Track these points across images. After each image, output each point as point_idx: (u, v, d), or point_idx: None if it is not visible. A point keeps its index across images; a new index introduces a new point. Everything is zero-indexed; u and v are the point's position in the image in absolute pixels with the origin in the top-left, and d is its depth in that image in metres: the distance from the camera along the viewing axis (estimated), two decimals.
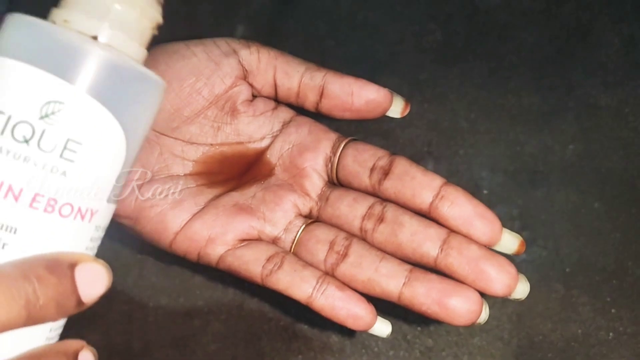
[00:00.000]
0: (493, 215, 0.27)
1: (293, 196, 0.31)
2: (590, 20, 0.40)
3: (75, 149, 0.21)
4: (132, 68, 0.22)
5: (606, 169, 0.36)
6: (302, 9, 0.42)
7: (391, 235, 0.28)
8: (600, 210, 0.35)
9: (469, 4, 0.42)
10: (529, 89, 0.39)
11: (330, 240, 0.29)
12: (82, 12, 0.21)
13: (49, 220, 0.21)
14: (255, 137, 0.32)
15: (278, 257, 0.29)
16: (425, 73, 0.40)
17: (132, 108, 0.22)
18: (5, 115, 0.20)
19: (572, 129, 0.38)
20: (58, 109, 0.20)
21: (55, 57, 0.20)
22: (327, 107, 0.31)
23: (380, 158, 0.30)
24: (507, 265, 0.27)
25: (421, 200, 0.28)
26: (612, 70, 0.39)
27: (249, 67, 0.31)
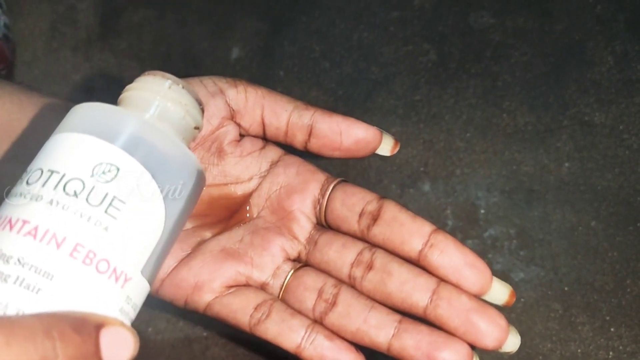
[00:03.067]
0: (483, 264, 0.27)
1: (281, 240, 0.30)
2: (583, 39, 0.41)
3: (119, 207, 0.22)
4: (176, 145, 0.25)
5: (602, 187, 0.36)
6: (297, 31, 0.42)
7: (380, 284, 0.28)
8: (597, 228, 0.35)
9: (463, 23, 0.42)
10: (523, 108, 0.39)
11: (319, 287, 0.29)
12: (135, 106, 0.25)
13: (86, 273, 0.21)
14: (243, 178, 0.31)
15: (266, 305, 0.28)
16: (420, 93, 0.40)
17: (174, 181, 0.24)
18: (60, 174, 0.22)
19: (567, 147, 0.38)
20: (108, 169, 0.23)
21: (108, 127, 0.23)
22: (316, 146, 0.30)
23: (369, 202, 0.29)
24: (498, 317, 0.26)
25: (410, 247, 0.28)
26: (606, 88, 0.39)
27: (236, 107, 0.30)
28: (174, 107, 0.25)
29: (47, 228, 0.21)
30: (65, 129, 0.24)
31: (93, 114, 0.24)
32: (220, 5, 0.44)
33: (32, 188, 0.22)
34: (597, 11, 0.41)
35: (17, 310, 0.20)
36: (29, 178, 0.23)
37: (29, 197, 0.22)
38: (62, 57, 0.43)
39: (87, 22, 0.44)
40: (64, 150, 0.23)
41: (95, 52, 0.43)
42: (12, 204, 0.22)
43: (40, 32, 0.43)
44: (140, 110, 0.25)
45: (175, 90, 0.25)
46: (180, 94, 0.25)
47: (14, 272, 0.21)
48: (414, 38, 0.42)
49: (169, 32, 0.43)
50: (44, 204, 0.22)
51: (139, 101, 0.25)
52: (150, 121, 0.24)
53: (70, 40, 0.43)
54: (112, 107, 0.25)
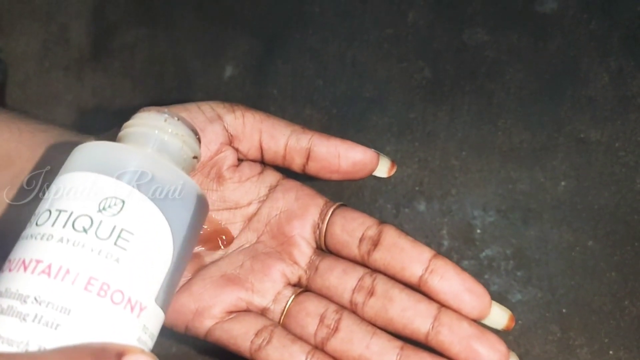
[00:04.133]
0: (482, 289, 0.28)
1: (281, 265, 0.30)
2: (577, 56, 0.40)
3: (128, 239, 0.23)
4: (178, 175, 0.25)
5: (599, 206, 0.36)
6: (290, 49, 0.42)
7: (382, 310, 0.28)
8: (595, 248, 0.35)
9: (457, 40, 0.42)
10: (518, 125, 0.39)
11: (320, 313, 0.29)
12: (134, 142, 0.26)
13: (101, 305, 0.22)
14: (242, 203, 0.31)
15: (267, 331, 0.29)
16: (415, 111, 0.40)
17: (178, 211, 0.25)
18: (68, 212, 0.23)
19: (563, 165, 0.37)
20: (114, 202, 0.23)
21: (110, 164, 0.24)
22: (314, 169, 0.31)
23: (368, 227, 0.30)
24: (498, 344, 0.27)
25: (411, 273, 0.28)
26: (601, 105, 0.39)
27: (234, 132, 0.31)
28: (172, 140, 0.26)
29: (60, 265, 0.22)
30: (69, 169, 0.25)
31: (95, 153, 0.25)
32: (213, 23, 0.43)
33: (42, 228, 0.23)
34: (592, 27, 0.41)
35: (38, 346, 0.21)
36: (38, 220, 0.24)
37: (39, 237, 0.23)
38: (54, 77, 0.43)
39: (79, 41, 0.43)
40: (69, 190, 0.24)
41: (88, 71, 0.43)
42: (24, 246, 0.23)
43: (32, 52, 0.43)
44: (139, 145, 0.26)
45: (172, 124, 0.26)
46: (176, 127, 0.26)
47: (32, 310, 0.21)
48: (408, 55, 0.41)
49: (162, 51, 0.43)
50: (55, 242, 0.23)
51: (137, 137, 0.26)
52: (151, 154, 0.25)
53: (62, 60, 0.43)
54: (112, 144, 0.26)
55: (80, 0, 0.44)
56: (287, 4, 0.43)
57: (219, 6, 0.43)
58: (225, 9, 0.43)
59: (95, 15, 0.44)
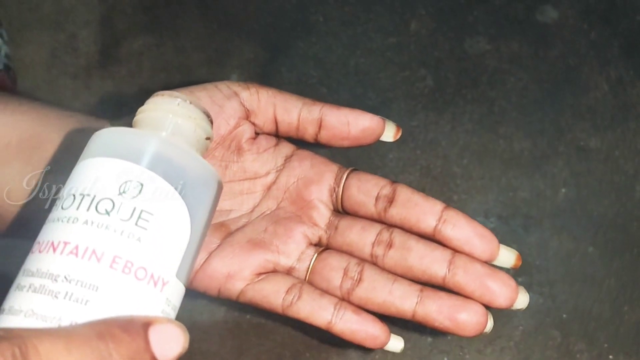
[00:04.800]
0: (491, 234, 0.30)
1: (302, 227, 0.32)
2: (578, 64, 0.41)
3: (147, 219, 0.24)
4: (192, 157, 0.27)
5: (598, 214, 0.37)
6: (294, 57, 0.43)
7: (401, 260, 0.31)
8: (594, 255, 0.36)
9: (459, 49, 0.42)
10: (519, 133, 0.39)
11: (344, 267, 0.31)
12: (148, 126, 0.27)
13: (126, 281, 0.24)
14: (261, 172, 0.33)
15: (296, 288, 0.31)
16: (417, 119, 0.40)
17: (193, 190, 0.26)
18: (91, 196, 0.25)
19: (563, 173, 0.38)
20: (133, 185, 0.25)
21: (128, 148, 0.26)
22: (326, 137, 0.33)
23: (383, 187, 0.32)
24: (508, 279, 0.29)
25: (426, 224, 0.31)
26: (601, 114, 0.39)
27: (250, 107, 0.33)
28: (185, 122, 0.27)
29: (86, 246, 0.24)
30: (89, 154, 0.26)
31: (112, 138, 0.27)
32: (218, 32, 0.44)
33: (68, 212, 0.25)
34: (592, 37, 0.42)
35: (70, 321, 0.22)
36: (63, 203, 0.25)
37: (65, 221, 0.24)
38: (62, 85, 0.43)
39: (88, 50, 0.44)
40: (91, 174, 0.25)
41: (95, 79, 0.43)
42: (52, 228, 0.25)
43: (40, 61, 0.44)
44: (155, 129, 0.27)
45: (184, 107, 0.27)
46: (189, 110, 0.27)
47: (62, 288, 0.23)
48: (411, 64, 0.42)
49: (168, 59, 0.44)
50: (81, 225, 0.24)
51: (152, 121, 0.27)
52: (165, 138, 0.27)
53: (70, 68, 0.44)
54: (128, 130, 0.27)
55: (89, 9, 0.45)
56: (292, 13, 0.44)
57: (225, 15, 0.44)
58: (230, 18, 0.44)
59: (103, 24, 0.45)
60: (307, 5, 0.44)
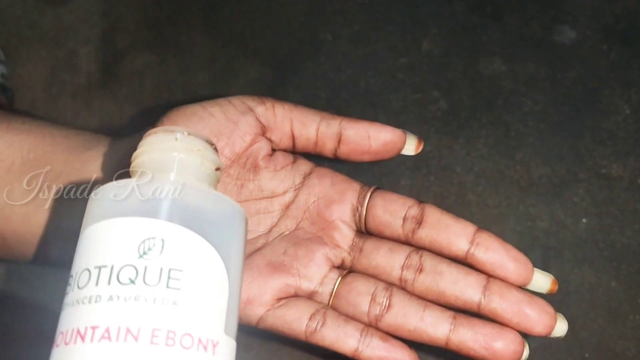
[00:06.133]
0: (525, 258, 0.29)
1: (324, 249, 0.31)
2: (597, 86, 0.39)
3: (178, 277, 0.22)
4: (209, 195, 0.24)
5: (621, 245, 0.35)
6: (302, 77, 0.41)
7: (433, 285, 0.29)
8: (618, 289, 0.34)
9: (473, 70, 0.41)
10: (537, 159, 0.38)
11: (370, 291, 0.30)
12: (155, 169, 0.24)
13: (173, 354, 0.21)
14: (278, 191, 0.32)
15: (319, 314, 0.29)
16: (430, 144, 0.39)
17: (219, 231, 0.23)
18: (109, 267, 0.21)
19: (584, 202, 0.36)
20: (153, 243, 0.22)
21: (136, 203, 0.22)
22: (346, 152, 0.32)
23: (410, 207, 0.31)
24: (546, 306, 0.29)
25: (457, 247, 0.30)
26: (622, 139, 0.38)
27: (266, 123, 0.32)
28: (190, 157, 0.24)
29: (118, 325, 0.20)
30: (93, 219, 0.23)
31: (113, 197, 0.23)
32: (223, 50, 0.42)
33: (87, 291, 0.21)
34: (612, 57, 0.40)
35: None
36: (78, 282, 0.22)
37: (87, 301, 0.21)
38: (61, 104, 0.42)
39: (88, 68, 0.43)
40: (102, 241, 0.22)
41: (96, 99, 0.42)
42: (73, 314, 0.21)
43: (39, 79, 0.42)
44: (158, 172, 0.24)
45: (185, 140, 0.25)
46: (190, 142, 0.25)
47: None
48: (423, 85, 0.41)
49: (171, 78, 0.42)
50: (105, 303, 0.21)
51: (153, 164, 0.24)
52: (174, 180, 0.24)
53: (70, 87, 0.42)
54: (130, 182, 0.24)
55: (89, 26, 0.43)
56: (299, 31, 0.42)
57: (230, 33, 0.43)
58: (236, 36, 0.43)
59: (104, 41, 0.43)
60: (315, 24, 0.42)
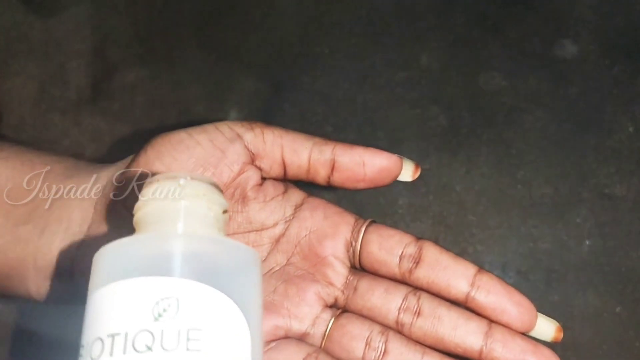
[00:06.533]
0: (529, 302, 0.28)
1: (316, 287, 0.30)
2: (600, 103, 0.38)
3: (198, 337, 0.20)
4: (220, 243, 0.23)
5: (626, 268, 0.34)
6: (298, 92, 0.40)
7: (431, 330, 0.28)
8: (623, 315, 0.33)
9: (473, 85, 0.40)
10: (539, 178, 0.37)
11: (365, 335, 0.29)
12: (158, 221, 0.23)
13: None
14: (268, 224, 0.31)
15: (312, 358, 0.28)
16: (430, 162, 0.38)
17: (235, 280, 0.22)
18: (122, 335, 0.20)
19: (587, 222, 0.35)
20: (167, 304, 0.20)
21: (144, 261, 0.21)
22: (340, 179, 0.31)
23: (407, 245, 0.29)
24: (552, 356, 0.27)
25: (457, 290, 0.28)
26: (626, 157, 0.37)
27: (255, 150, 0.30)
28: (197, 204, 0.23)
29: None
30: (99, 283, 0.22)
31: (122, 255, 0.22)
32: (217, 65, 0.41)
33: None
34: (614, 73, 0.39)
35: None
36: (91, 353, 0.21)
37: None
38: (50, 120, 0.41)
39: (78, 82, 0.41)
40: (112, 306, 0.21)
41: (86, 115, 0.41)
42: None
43: (28, 94, 0.41)
44: (164, 225, 0.23)
45: (189, 186, 0.23)
46: (194, 188, 0.24)
47: None
48: (422, 100, 0.40)
49: (164, 93, 0.41)
50: None
51: (158, 215, 0.23)
52: (182, 231, 0.22)
53: (59, 103, 0.41)
54: (136, 238, 0.22)
55: (80, 39, 0.42)
56: (295, 45, 0.41)
57: (224, 46, 0.42)
58: (230, 50, 0.42)
59: (95, 56, 0.42)
60: (311, 37, 0.41)
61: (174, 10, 0.42)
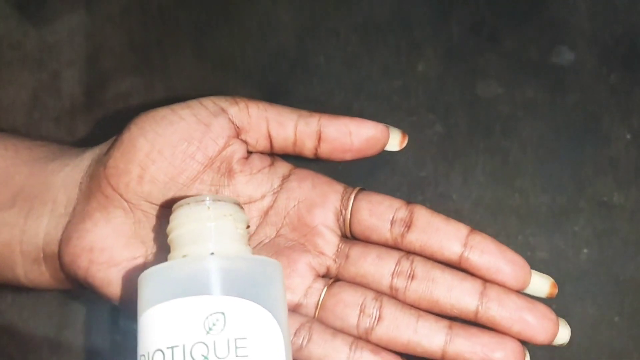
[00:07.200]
0: (522, 260, 0.28)
1: (307, 257, 0.30)
2: (597, 112, 0.38)
3: (244, 345, 0.24)
4: (250, 259, 0.26)
5: (625, 278, 0.34)
6: (293, 101, 0.40)
7: (426, 293, 0.28)
8: (621, 325, 0.33)
9: (470, 93, 0.40)
10: (536, 187, 0.36)
11: (359, 302, 0.29)
12: (192, 242, 0.26)
13: None
14: (255, 196, 0.30)
15: (305, 328, 0.28)
16: (426, 170, 0.37)
17: (266, 291, 0.25)
18: (181, 347, 0.24)
19: (585, 232, 0.35)
20: (216, 319, 0.24)
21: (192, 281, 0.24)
22: (327, 151, 0.30)
23: (398, 209, 0.29)
24: (548, 312, 0.27)
25: (450, 252, 0.28)
26: (624, 167, 0.37)
27: (240, 124, 0.30)
28: (224, 224, 0.26)
29: None
30: (150, 303, 0.25)
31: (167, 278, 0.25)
32: (213, 73, 0.41)
33: None
34: (612, 81, 0.39)
35: None
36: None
37: None
38: (43, 129, 0.40)
39: (72, 91, 0.41)
40: (167, 323, 0.24)
41: (80, 123, 0.40)
42: None
43: (21, 102, 0.41)
44: (199, 246, 0.25)
45: (216, 207, 0.26)
46: (221, 209, 0.26)
47: None
48: (418, 109, 0.39)
49: (158, 102, 0.40)
50: None
51: (191, 237, 0.26)
52: (215, 251, 0.25)
53: (52, 111, 0.41)
54: (177, 263, 0.25)
55: (74, 47, 0.42)
56: (291, 53, 0.41)
57: (219, 55, 0.41)
58: (225, 58, 0.41)
59: (88, 63, 0.42)
60: (307, 46, 0.41)
61: (169, 19, 0.42)
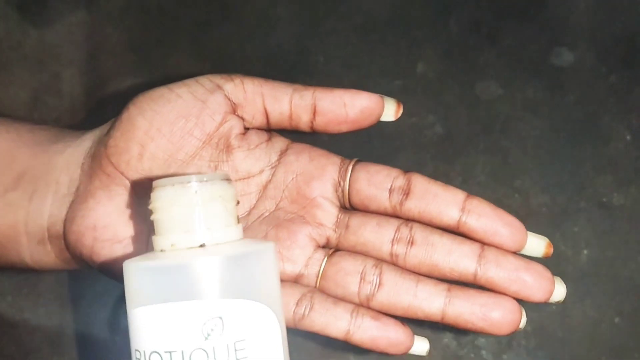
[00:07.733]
0: (518, 222, 0.29)
1: (307, 229, 0.30)
2: (597, 112, 0.38)
3: (243, 347, 0.23)
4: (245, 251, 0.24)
5: (625, 278, 0.34)
6: None
7: (425, 258, 0.29)
8: (621, 325, 0.33)
9: (469, 93, 0.40)
10: (536, 187, 0.36)
11: (359, 270, 0.29)
12: (180, 230, 0.24)
13: None
14: (254, 171, 0.31)
15: (306, 298, 0.29)
16: (426, 171, 0.37)
17: (260, 280, 0.24)
18: (179, 352, 0.23)
19: (585, 232, 0.35)
20: (214, 324, 0.23)
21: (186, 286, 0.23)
22: (322, 123, 0.31)
23: (395, 178, 0.30)
24: (544, 271, 0.28)
25: (448, 217, 0.29)
26: (623, 166, 0.37)
27: (236, 100, 0.31)
28: (213, 208, 0.24)
29: None
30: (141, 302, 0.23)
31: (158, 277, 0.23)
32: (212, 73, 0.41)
33: None
34: (611, 81, 0.39)
35: None
36: None
37: None
38: None
39: (72, 91, 0.41)
40: (163, 326, 0.23)
41: (80, 123, 0.40)
42: None
43: (21, 103, 0.41)
44: (187, 235, 0.24)
45: (203, 191, 0.24)
46: (208, 191, 0.24)
47: None
48: (418, 109, 0.39)
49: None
50: None
51: (179, 224, 0.24)
52: (204, 241, 0.24)
53: (53, 112, 0.41)
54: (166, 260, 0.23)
55: (74, 48, 0.42)
56: (291, 53, 0.41)
57: (220, 55, 0.41)
58: (225, 58, 0.41)
59: (89, 64, 0.42)
60: (307, 46, 0.41)
61: (169, 19, 0.42)
